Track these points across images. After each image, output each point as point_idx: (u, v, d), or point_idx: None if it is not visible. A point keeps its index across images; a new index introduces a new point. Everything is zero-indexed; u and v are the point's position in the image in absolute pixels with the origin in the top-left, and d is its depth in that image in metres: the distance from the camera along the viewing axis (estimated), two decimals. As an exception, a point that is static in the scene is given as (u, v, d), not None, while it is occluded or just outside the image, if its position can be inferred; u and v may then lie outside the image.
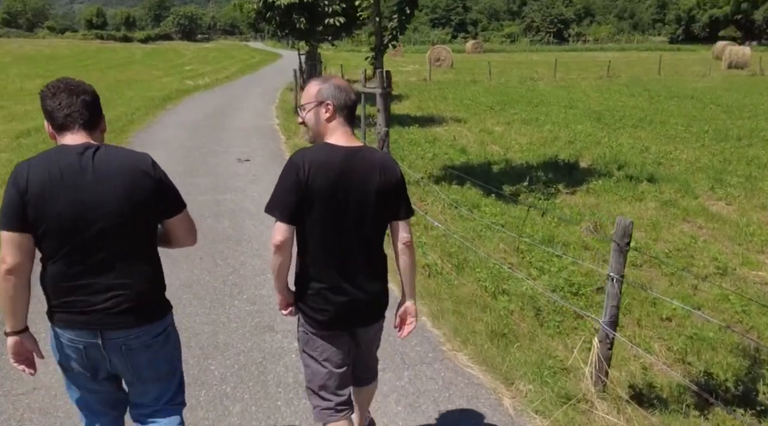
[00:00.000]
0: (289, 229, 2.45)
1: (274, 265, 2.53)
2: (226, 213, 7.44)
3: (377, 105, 9.18)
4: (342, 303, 2.57)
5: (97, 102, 2.30)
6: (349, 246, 2.53)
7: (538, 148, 12.84)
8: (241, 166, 10.13)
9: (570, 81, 29.67)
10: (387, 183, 2.54)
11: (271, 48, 71.75)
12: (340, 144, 2.51)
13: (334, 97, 2.52)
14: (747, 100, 21.49)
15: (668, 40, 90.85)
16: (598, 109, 18.93)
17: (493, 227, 7.26)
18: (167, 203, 2.30)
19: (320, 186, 2.42)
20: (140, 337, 2.26)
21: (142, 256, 2.27)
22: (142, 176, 2.19)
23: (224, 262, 5.87)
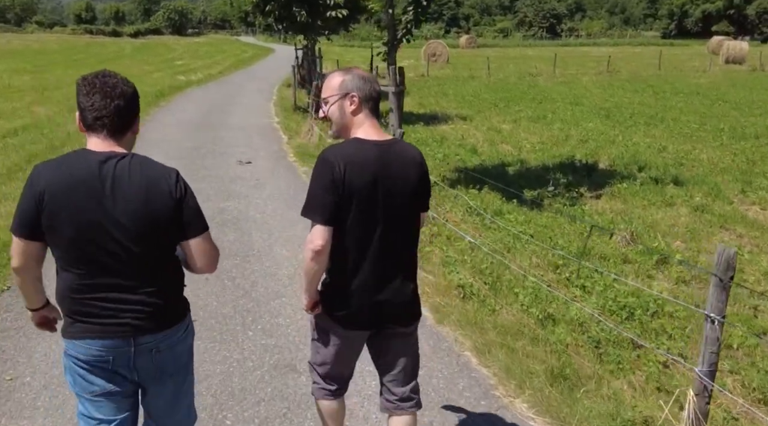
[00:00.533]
0: (328, 231, 2.34)
1: (310, 271, 2.41)
2: (230, 223, 6.81)
3: (390, 104, 8.58)
4: (373, 302, 2.47)
5: (132, 105, 2.18)
6: (388, 245, 2.44)
7: (550, 147, 12.27)
8: (243, 168, 9.49)
9: (569, 76, 29.12)
10: (420, 176, 2.50)
11: (263, 43, 70.77)
12: (370, 138, 2.42)
13: (359, 89, 2.43)
14: (754, 96, 21.00)
15: (661, 35, 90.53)
16: (605, 106, 18.38)
17: (521, 237, 6.68)
18: (185, 224, 2.18)
19: (357, 184, 2.33)
20: (168, 337, 2.25)
21: (162, 266, 2.21)
22: (162, 195, 2.11)
23: (233, 283, 5.24)
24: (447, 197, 8.30)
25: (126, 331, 2.16)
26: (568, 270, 5.90)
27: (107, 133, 2.13)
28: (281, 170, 9.44)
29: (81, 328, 2.16)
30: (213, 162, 9.81)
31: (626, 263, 6.30)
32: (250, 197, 7.86)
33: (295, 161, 10.10)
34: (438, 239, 6.54)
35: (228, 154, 10.51)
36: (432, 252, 6.04)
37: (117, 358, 2.20)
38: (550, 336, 4.37)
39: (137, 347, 2.20)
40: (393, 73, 8.23)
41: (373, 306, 2.48)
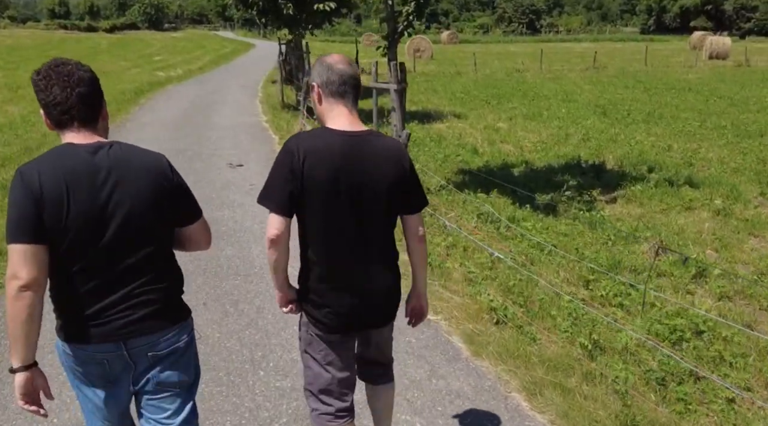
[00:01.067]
0: (283, 221, 2.24)
1: (270, 261, 2.34)
2: (226, 236, 6.18)
3: (392, 103, 8.00)
4: (349, 305, 2.35)
5: (95, 90, 2.06)
6: (355, 242, 2.31)
7: (552, 146, 11.78)
8: (234, 172, 8.85)
9: (556, 72, 28.72)
10: (397, 173, 2.31)
11: (243, 37, 69.49)
12: (339, 128, 2.28)
13: (319, 76, 2.33)
14: (746, 92, 20.71)
15: (639, 31, 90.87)
16: (599, 103, 17.95)
17: (543, 247, 6.15)
18: (185, 210, 2.14)
19: (318, 176, 2.20)
20: (166, 340, 2.12)
21: (161, 258, 2.12)
22: (163, 178, 2.04)
23: (235, 310, 4.63)
24: (455, 202, 7.76)
25: (114, 336, 2.03)
26: (600, 285, 5.39)
27: (79, 125, 2.01)
28: (276, 174, 8.82)
29: (72, 331, 2.03)
30: (201, 165, 9.15)
31: (661, 276, 5.81)
32: (246, 205, 7.23)
33: (289, 164, 9.48)
34: (455, 251, 5.98)
35: (217, 156, 9.86)
36: (452, 268, 5.48)
37: (112, 361, 2.08)
38: (605, 371, 3.83)
39: (131, 351, 2.07)
40: (394, 69, 7.65)
41: (348, 309, 2.36)
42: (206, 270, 5.31)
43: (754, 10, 75.64)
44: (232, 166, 9.12)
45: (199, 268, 5.34)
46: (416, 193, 2.44)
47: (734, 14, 77.00)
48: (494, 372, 3.83)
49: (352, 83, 2.32)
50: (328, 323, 2.38)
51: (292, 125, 12.11)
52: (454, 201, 7.82)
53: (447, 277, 5.27)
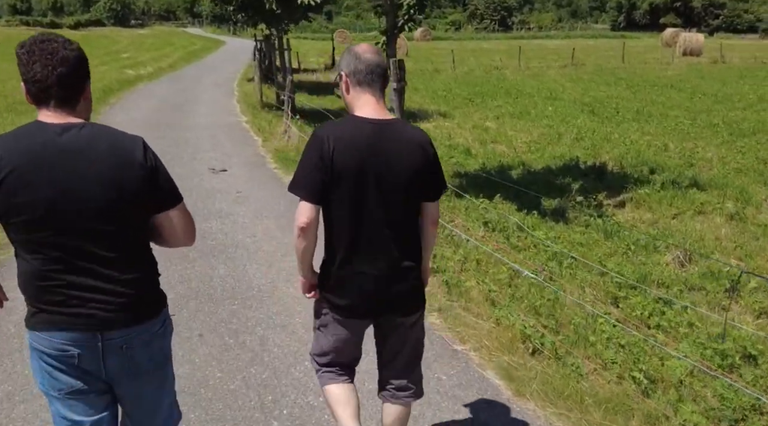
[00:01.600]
0: (314, 209, 2.26)
1: (298, 248, 2.35)
2: (216, 253, 5.60)
3: (391, 103, 7.47)
4: (370, 290, 2.36)
5: (78, 71, 1.93)
6: (379, 229, 2.32)
7: (545, 146, 11.37)
8: (218, 178, 8.23)
9: (535, 70, 28.45)
10: (422, 162, 2.33)
11: (212, 34, 68.22)
12: (366, 116, 2.31)
13: (347, 65, 2.36)
14: (728, 89, 20.60)
15: (610, 28, 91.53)
16: (584, 100, 17.64)
17: (562, 259, 5.70)
18: (161, 195, 2.00)
19: (346, 164, 2.22)
20: (141, 334, 2.03)
21: (135, 248, 2.01)
22: (133, 163, 1.90)
23: (236, 341, 4.06)
24: (457, 209, 7.27)
25: (92, 324, 1.96)
26: (631, 303, 4.93)
27: (56, 105, 1.91)
28: (263, 180, 8.20)
29: (43, 318, 1.96)
30: (182, 171, 8.50)
31: (691, 290, 5.38)
32: (234, 216, 6.64)
33: (276, 168, 8.87)
34: (468, 265, 5.48)
35: (197, 160, 9.22)
36: (470, 287, 4.97)
37: (83, 354, 1.98)
38: (667, 411, 3.36)
39: (105, 343, 1.98)
40: (393, 66, 7.11)
41: (370, 294, 2.38)
42: (199, 293, 4.73)
43: (722, 7, 76.59)
44: (214, 171, 8.50)
45: (190, 291, 4.75)
46: (438, 181, 2.44)
47: (703, 11, 77.89)
48: (543, 416, 3.33)
49: (379, 72, 2.35)
50: (350, 308, 2.41)
51: (275, 126, 11.50)
52: (456, 207, 7.33)
53: (467, 297, 4.76)
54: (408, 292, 2.46)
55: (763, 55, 35.42)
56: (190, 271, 5.12)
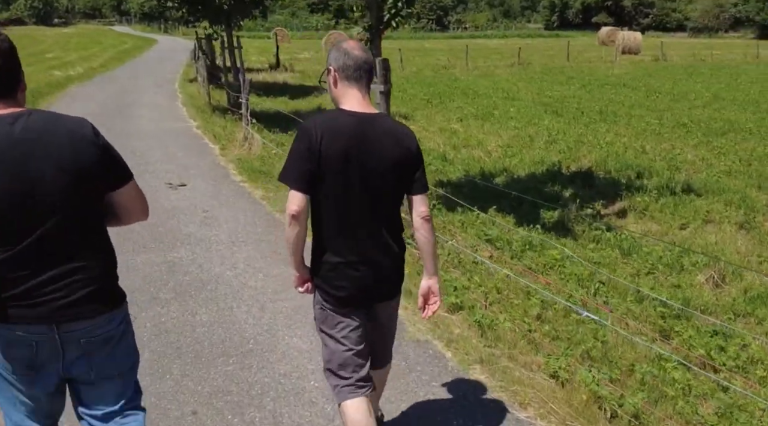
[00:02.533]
0: (303, 197, 2.34)
1: (290, 237, 2.40)
2: (193, 291, 4.66)
3: (377, 106, 6.66)
4: (360, 277, 2.46)
5: (14, 61, 1.92)
6: (364, 218, 2.42)
7: (519, 150, 10.77)
8: (177, 194, 7.24)
9: (483, 69, 28.10)
10: (405, 154, 2.43)
11: (142, 33, 65.62)
12: (353, 110, 2.40)
13: (335, 60, 2.43)
14: (681, 86, 20.62)
15: (544, 27, 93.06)
16: (543, 100, 17.23)
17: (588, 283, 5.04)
18: (114, 174, 2.01)
19: (334, 154, 2.32)
20: (101, 327, 2.00)
21: (93, 235, 2.00)
22: (87, 144, 1.92)
23: (242, 420, 3.16)
24: (452, 223, 6.53)
25: (46, 318, 1.92)
26: (683, 338, 4.29)
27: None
28: (231, 196, 7.24)
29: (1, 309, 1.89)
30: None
31: (739, 316, 4.78)
32: (207, 241, 5.69)
33: (243, 182, 7.91)
34: (489, 294, 4.72)
35: (150, 173, 8.16)
36: (500, 323, 4.22)
37: (41, 345, 1.94)
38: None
39: (63, 335, 1.95)
40: (379, 67, 6.31)
41: (360, 283, 2.47)
42: (181, 349, 3.80)
43: (651, 6, 78.79)
44: (172, 186, 7.50)
45: (170, 347, 3.82)
46: (422, 174, 2.50)
47: (633, 10, 79.96)
48: None
49: (366, 68, 2.43)
50: (340, 297, 2.47)
51: (232, 132, 10.50)
52: (451, 222, 6.60)
53: (506, 341, 4.01)
54: (391, 278, 2.58)
55: (701, 53, 36.20)
56: (165, 318, 4.18)
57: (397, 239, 2.56)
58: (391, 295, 2.63)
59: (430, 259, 2.58)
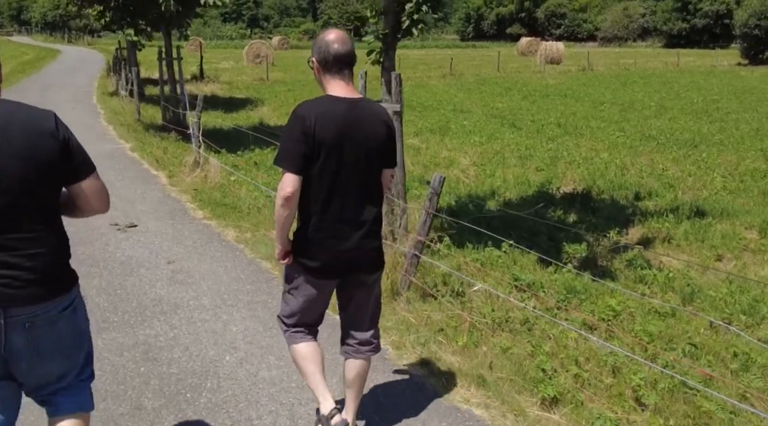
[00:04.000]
0: (297, 179, 2.46)
1: (280, 217, 2.53)
2: (188, 392, 3.32)
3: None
4: (344, 251, 2.59)
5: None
6: (351, 194, 2.57)
7: (496, 169, 9.88)
8: (128, 239, 5.83)
9: (417, 80, 27.37)
10: (386, 133, 2.63)
11: (44, 43, 61.40)
12: (339, 95, 2.55)
13: (317, 53, 2.58)
14: (626, 96, 20.49)
15: (459, 38, 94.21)
16: (495, 113, 16.54)
17: (675, 342, 4.11)
18: (75, 166, 2.04)
19: (326, 137, 2.46)
20: (48, 311, 2.01)
21: (47, 224, 2.01)
22: (48, 137, 1.95)
23: None
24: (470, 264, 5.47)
25: (1, 300, 1.93)
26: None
27: None
28: (197, 239, 5.87)
29: None
30: (73, 229, 6.02)
31: None
32: (185, 308, 4.35)
33: (207, 218, 6.53)
34: (574, 369, 3.68)
35: (87, 210, 6.69)
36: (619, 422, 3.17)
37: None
38: None
39: (8, 319, 1.95)
40: (394, 82, 5.22)
41: (340, 255, 2.59)
42: None
43: (563, 17, 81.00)
44: (120, 228, 6.08)
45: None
46: (395, 150, 2.74)
47: (546, 21, 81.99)
48: None
49: (347, 61, 2.57)
50: (322, 269, 2.62)
51: (177, 155, 9.06)
52: (468, 263, 5.53)
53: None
54: (373, 251, 2.72)
55: (625, 62, 36.94)
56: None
57: (379, 216, 2.74)
58: (370, 271, 2.75)
59: None
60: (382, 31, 5.15)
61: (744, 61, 37.21)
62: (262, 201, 6.90)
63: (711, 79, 26.75)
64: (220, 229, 6.14)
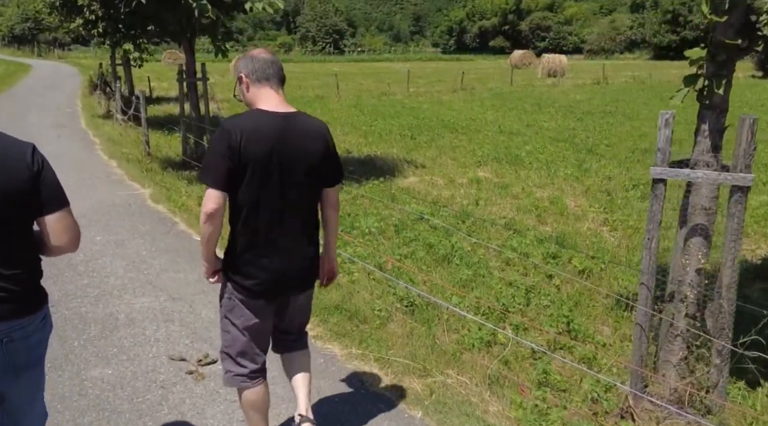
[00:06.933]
0: (221, 196, 2.41)
1: (205, 234, 2.48)
2: None
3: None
4: (274, 270, 2.54)
5: None
6: (283, 213, 2.51)
7: (614, 210, 7.63)
8: (204, 389, 3.42)
9: (428, 95, 25.21)
10: (324, 150, 2.56)
11: (11, 57, 57.87)
12: (270, 109, 2.50)
13: (245, 67, 2.55)
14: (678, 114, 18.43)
15: (441, 51, 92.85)
16: (550, 135, 14.32)
17: None
18: (44, 198, 2.05)
19: (254, 152, 2.41)
20: (24, 327, 2.08)
21: (18, 247, 2.05)
22: (18, 169, 1.98)
23: None
24: None
25: None
26: None
27: None
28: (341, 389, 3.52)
29: None
30: (110, 373, 3.57)
31: None
32: None
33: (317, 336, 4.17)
34: None
35: (116, 321, 4.22)
36: None
37: None
38: None
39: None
40: (744, 133, 2.90)
41: (274, 274, 2.54)
42: None
43: (548, 30, 79.89)
44: (193, 370, 3.64)
45: None
46: (337, 168, 2.68)
47: (530, 33, 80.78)
48: None
49: (275, 68, 2.54)
50: (255, 290, 2.54)
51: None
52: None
53: None
54: (306, 270, 2.67)
55: (640, 75, 35.30)
56: None
57: (313, 234, 2.66)
58: (303, 288, 2.72)
59: (332, 243, 2.81)
60: (723, 41, 2.83)
61: (758, 72, 35.75)
62: (380, 302, 4.57)
63: (746, 91, 24.96)
64: (332, 346, 3.77)
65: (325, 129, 2.59)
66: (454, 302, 4.70)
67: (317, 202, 2.65)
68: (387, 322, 4.28)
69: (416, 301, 4.61)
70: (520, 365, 3.79)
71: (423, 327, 4.16)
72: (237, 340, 2.61)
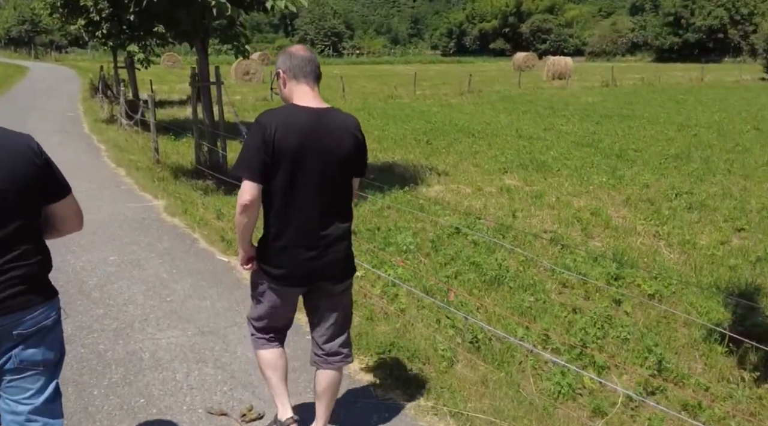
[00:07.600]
0: (256, 187, 2.45)
1: (240, 225, 2.53)
2: None
3: None
4: (306, 260, 2.56)
5: None
6: (318, 205, 2.55)
7: (684, 228, 7.07)
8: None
9: (435, 98, 24.67)
10: (354, 144, 2.59)
11: (8, 59, 57.05)
12: (305, 104, 2.54)
13: (282, 63, 2.60)
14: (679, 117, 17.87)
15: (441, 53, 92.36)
16: (572, 139, 13.79)
17: None
18: (53, 187, 2.11)
19: (287, 146, 2.45)
20: (32, 318, 2.06)
21: (30, 239, 2.05)
22: (26, 162, 2.00)
23: None
24: None
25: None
26: None
27: None
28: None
29: None
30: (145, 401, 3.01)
31: None
32: None
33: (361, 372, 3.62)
34: None
35: (150, 369, 3.66)
36: None
37: None
38: None
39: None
40: None
41: (304, 264, 2.56)
42: None
43: (548, 32, 79.46)
44: (244, 421, 3.09)
45: None
46: (365, 160, 2.72)
47: (531, 36, 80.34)
48: None
49: (312, 66, 2.59)
50: (285, 277, 2.60)
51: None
52: None
53: None
54: (339, 261, 2.64)
55: (648, 77, 34.79)
56: None
57: (347, 225, 2.66)
58: (335, 280, 2.68)
59: None
60: None
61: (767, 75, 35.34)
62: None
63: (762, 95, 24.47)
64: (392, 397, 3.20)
65: (356, 123, 2.64)
66: (520, 336, 4.14)
67: (349, 195, 2.69)
68: (453, 364, 3.71)
69: (479, 334, 4.05)
70: (618, 418, 3.24)
71: (498, 371, 3.60)
72: (262, 316, 2.73)
